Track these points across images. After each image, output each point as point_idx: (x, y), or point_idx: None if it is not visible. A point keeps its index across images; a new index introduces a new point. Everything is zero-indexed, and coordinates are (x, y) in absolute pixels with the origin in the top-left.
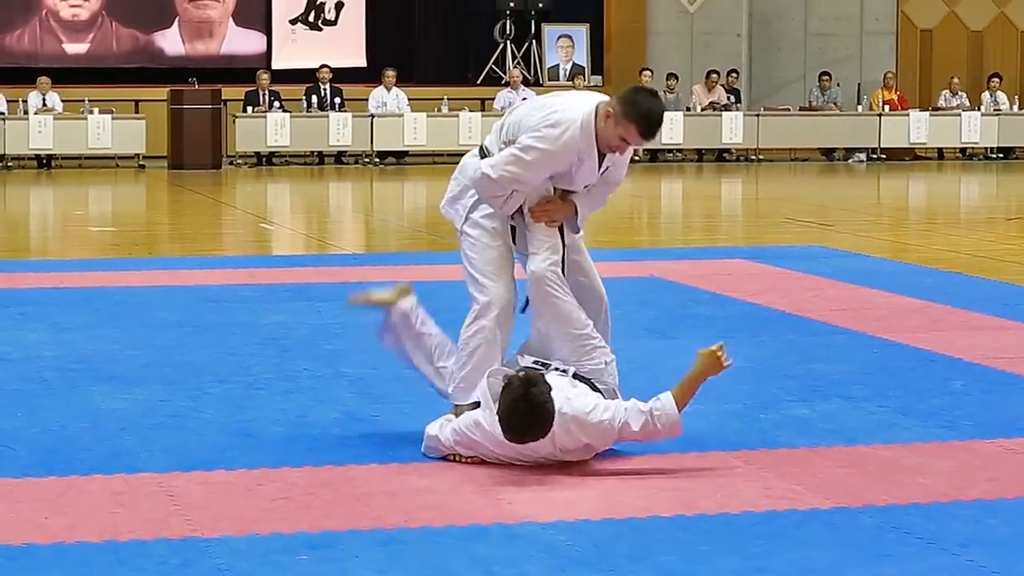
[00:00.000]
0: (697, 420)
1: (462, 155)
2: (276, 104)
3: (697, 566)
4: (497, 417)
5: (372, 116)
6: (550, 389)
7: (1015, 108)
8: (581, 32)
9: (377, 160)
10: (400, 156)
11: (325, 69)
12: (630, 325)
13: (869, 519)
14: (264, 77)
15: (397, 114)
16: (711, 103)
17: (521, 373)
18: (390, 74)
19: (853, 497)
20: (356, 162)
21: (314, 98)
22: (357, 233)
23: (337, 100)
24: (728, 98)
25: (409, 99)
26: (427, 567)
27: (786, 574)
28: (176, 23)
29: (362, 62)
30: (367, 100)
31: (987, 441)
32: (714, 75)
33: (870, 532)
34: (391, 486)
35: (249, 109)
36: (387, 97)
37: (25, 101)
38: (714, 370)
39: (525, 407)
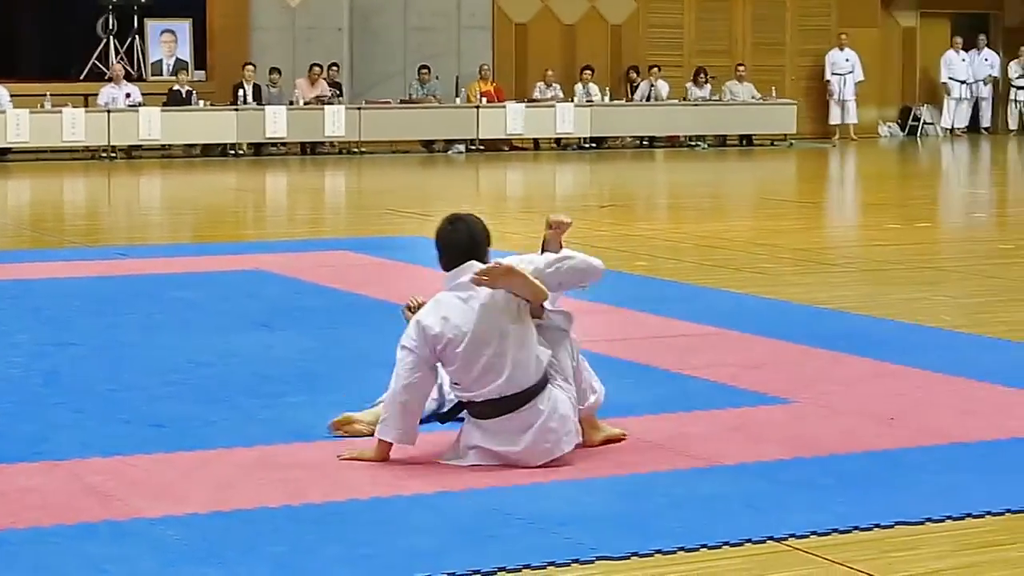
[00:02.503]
0: (303, 411)
1: (67, 152)
2: None
3: (305, 556)
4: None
5: None
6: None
7: (606, 99)
8: (184, 27)
9: None
10: (2, 153)
11: None
12: (237, 318)
13: (472, 502)
14: None
15: None
16: (315, 97)
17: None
18: None
19: (455, 482)
20: None
21: None
22: None
23: None
24: (331, 91)
25: (11, 95)
26: (36, 568)
27: (394, 560)
28: None
29: None
30: None
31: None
32: (316, 69)
33: (474, 515)
34: None
35: None
36: None
37: None
38: None
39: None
